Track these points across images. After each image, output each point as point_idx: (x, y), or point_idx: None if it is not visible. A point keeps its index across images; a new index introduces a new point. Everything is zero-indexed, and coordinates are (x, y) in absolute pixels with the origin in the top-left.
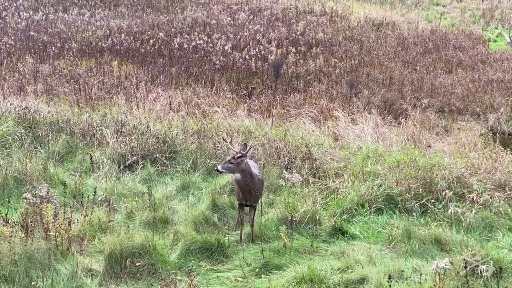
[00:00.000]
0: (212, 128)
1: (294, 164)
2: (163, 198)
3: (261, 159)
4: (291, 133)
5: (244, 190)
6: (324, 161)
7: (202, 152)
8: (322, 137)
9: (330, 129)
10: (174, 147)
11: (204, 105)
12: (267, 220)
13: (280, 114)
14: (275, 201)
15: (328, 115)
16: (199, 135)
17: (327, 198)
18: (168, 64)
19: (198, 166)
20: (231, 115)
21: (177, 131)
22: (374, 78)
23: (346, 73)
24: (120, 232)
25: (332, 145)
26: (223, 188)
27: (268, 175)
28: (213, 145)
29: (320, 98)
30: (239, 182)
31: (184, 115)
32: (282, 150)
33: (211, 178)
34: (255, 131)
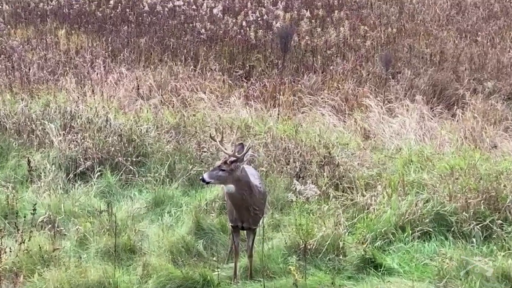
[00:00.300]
0: (196, 121)
1: (309, 171)
2: (128, 219)
3: (263, 165)
4: (305, 129)
5: (239, 207)
6: (350, 167)
7: (182, 155)
8: (347, 134)
9: (359, 123)
10: (143, 148)
11: (184, 90)
12: (272, 249)
13: (289, 102)
14: (282, 223)
15: (355, 104)
16: (178, 132)
17: (354, 219)
18: (135, 34)
19: (176, 174)
20: (222, 104)
21: (148, 126)
22: (419, 53)
23: (380, 46)
24: (69, 265)
25: (361, 145)
26: (211, 205)
27: (273, 187)
28: (197, 146)
29: (345, 81)
30: (233, 196)
31: (157, 103)
32: (292, 152)
33: (194, 191)
34: (255, 126)
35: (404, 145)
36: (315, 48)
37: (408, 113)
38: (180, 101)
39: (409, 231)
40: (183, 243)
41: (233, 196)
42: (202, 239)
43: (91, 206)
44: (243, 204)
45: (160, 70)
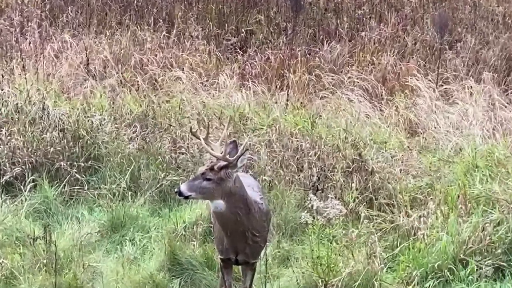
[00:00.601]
0: (171, 111)
1: (331, 181)
2: (74, 249)
3: (266, 172)
4: (325, 121)
5: (232, 232)
6: (389, 175)
7: (151, 159)
8: (385, 128)
9: (401, 112)
10: (95, 148)
11: (154, 66)
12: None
13: (303, 83)
14: (293, 254)
15: (397, 86)
16: (145, 125)
17: (394, 248)
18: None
19: (142, 185)
20: (208, 86)
21: (102, 117)
22: (487, 13)
23: (432, 3)
24: None
25: (406, 145)
26: (191, 229)
27: (280, 203)
28: (172, 145)
29: (382, 53)
30: (223, 217)
31: (116, 85)
32: (307, 154)
33: (167, 209)
34: (255, 117)
35: (466, 144)
36: (340, 5)
37: (471, 99)
38: (147, 82)
39: (473, 266)
40: (152, 283)
41: (223, 216)
42: (179, 277)
43: (20, 230)
44: (238, 228)
45: (119, 38)
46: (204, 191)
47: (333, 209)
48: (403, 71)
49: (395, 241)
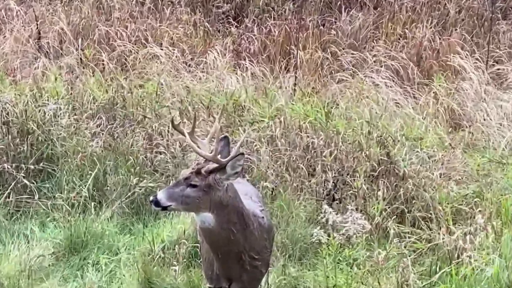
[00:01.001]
0: (146, 98)
1: (351, 188)
2: (22, 276)
3: (268, 177)
4: (343, 111)
5: (224, 254)
6: (425, 181)
7: (119, 160)
8: (420, 120)
9: (441, 100)
10: (48, 146)
11: (124, 41)
12: None
13: (315, 63)
14: (303, 282)
15: (435, 66)
16: (112, 117)
17: (433, 275)
18: None
19: (108, 193)
20: (193, 67)
21: (57, 106)
22: None
23: None
24: None
25: (447, 141)
26: (172, 250)
27: (286, 217)
28: (147, 141)
29: (416, 24)
30: (213, 234)
31: (74, 65)
32: (320, 153)
33: (141, 224)
34: (254, 106)
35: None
36: None
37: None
38: (115, 61)
39: None
40: None
41: (213, 234)
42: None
43: None
44: (231, 249)
45: (79, 5)
46: (188, 201)
47: (354, 225)
48: (443, 48)
49: (433, 266)
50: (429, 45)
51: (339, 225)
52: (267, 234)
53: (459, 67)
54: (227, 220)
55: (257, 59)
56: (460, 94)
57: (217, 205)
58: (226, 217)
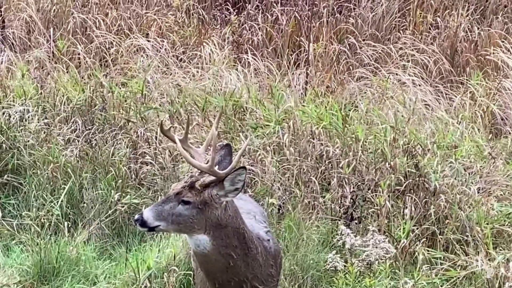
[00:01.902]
0: (129, 98)
1: (372, 205)
2: None
3: (274, 191)
4: (363, 115)
5: (223, 284)
6: (461, 197)
7: (98, 171)
8: (454, 125)
9: (479, 101)
10: (14, 155)
11: (103, 31)
12: None
13: (329, 57)
14: None
15: (472, 61)
16: (90, 121)
17: None
18: None
19: (85, 211)
20: (186, 61)
21: (25, 108)
22: None
23: None
24: None
25: (486, 150)
26: (159, 280)
27: (296, 240)
28: (131, 150)
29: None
30: (209, 260)
31: (45, 59)
32: (336, 164)
33: (123, 248)
34: (258, 108)
35: None
36: None
37: None
38: (94, 55)
39: None
40: None
41: (209, 260)
42: None
43: None
44: (231, 278)
45: None
46: (179, 221)
47: (376, 249)
48: (482, 39)
49: None
50: (465, 36)
51: (358, 249)
52: (274, 260)
53: (501, 62)
54: (226, 244)
55: (261, 53)
56: (501, 95)
57: (214, 226)
58: (224, 240)
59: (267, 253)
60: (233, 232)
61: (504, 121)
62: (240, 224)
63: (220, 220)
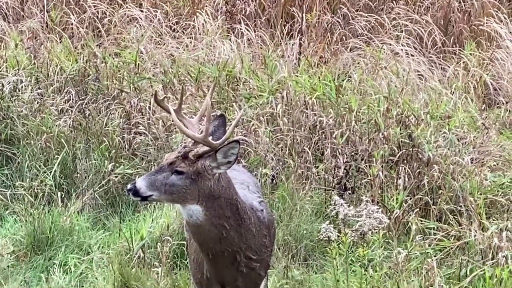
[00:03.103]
0: (123, 68)
1: (365, 176)
2: None
3: (268, 161)
4: (357, 85)
5: (216, 254)
6: (454, 167)
7: (92, 142)
8: (447, 95)
9: (472, 72)
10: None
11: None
12: None
13: (323, 27)
14: (307, 285)
15: (466, 32)
16: (83, 91)
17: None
18: None
19: (78, 181)
20: (178, 31)
21: (18, 78)
22: None
23: None
24: None
25: (479, 121)
26: (153, 250)
27: (289, 210)
28: (125, 120)
29: None
30: (202, 230)
31: (39, 30)
32: (329, 134)
33: (117, 218)
34: (251, 77)
35: None
36: None
37: None
38: (87, 25)
39: None
40: None
41: (202, 230)
42: None
43: None
44: (224, 249)
45: None
46: (173, 190)
47: (369, 219)
48: (475, 9)
49: (463, 268)
50: (459, 7)
51: (351, 219)
52: (267, 230)
53: (494, 32)
54: (218, 215)
55: (254, 23)
56: (494, 65)
57: (207, 196)
58: (217, 210)
59: (260, 223)
60: (226, 203)
61: (497, 92)
62: (233, 195)
63: (213, 191)
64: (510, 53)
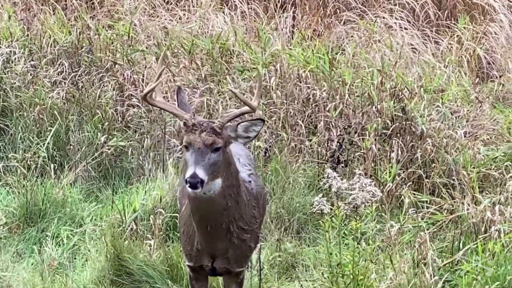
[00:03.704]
0: (116, 40)
1: (358, 149)
2: None
3: (261, 134)
4: (350, 58)
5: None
6: (447, 141)
7: (85, 114)
8: (441, 69)
9: (466, 45)
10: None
11: None
12: None
13: (315, 0)
14: (300, 260)
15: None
16: (76, 63)
17: (455, 252)
18: None
19: (71, 154)
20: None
21: (11, 49)
22: None
23: None
24: None
25: (472, 94)
26: (145, 222)
27: (282, 183)
28: (118, 92)
29: None
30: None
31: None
32: (323, 107)
33: (109, 190)
34: (244, 50)
35: None
36: None
37: None
38: None
39: None
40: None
41: (211, 203)
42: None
43: None
44: (223, 220)
45: None
46: (214, 169)
47: (362, 192)
48: None
49: (455, 241)
50: None
51: (344, 192)
52: (256, 202)
53: (488, 6)
54: (230, 184)
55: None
56: (488, 39)
57: (226, 166)
58: (230, 180)
59: (249, 194)
60: (234, 171)
61: (490, 65)
62: (235, 161)
63: (229, 159)
64: (503, 26)
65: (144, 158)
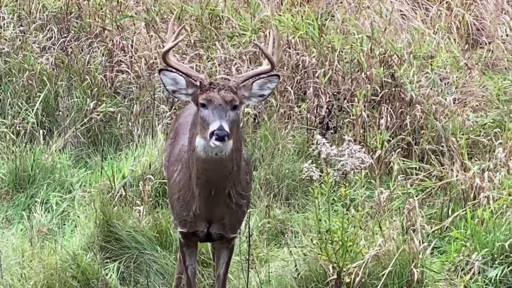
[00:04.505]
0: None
1: (348, 115)
2: None
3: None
4: (339, 24)
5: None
6: (436, 107)
7: (74, 79)
8: (430, 35)
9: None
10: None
11: None
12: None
13: None
14: (290, 226)
15: None
16: (66, 28)
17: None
18: None
19: (60, 119)
20: None
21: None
22: None
23: None
24: None
25: (462, 61)
26: (135, 188)
27: (271, 150)
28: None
29: None
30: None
31: None
32: (312, 73)
33: (98, 156)
34: (233, 16)
35: None
36: None
37: None
38: None
39: None
40: (76, 268)
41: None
42: (117, 260)
43: None
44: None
45: None
46: (233, 126)
47: (352, 158)
48: None
49: (444, 208)
50: None
51: (333, 159)
52: (247, 167)
53: None
54: (237, 146)
55: None
56: (477, 5)
57: (237, 127)
58: (238, 141)
59: (245, 161)
60: (240, 134)
61: (480, 32)
62: None
63: (239, 122)
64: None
65: (133, 124)
